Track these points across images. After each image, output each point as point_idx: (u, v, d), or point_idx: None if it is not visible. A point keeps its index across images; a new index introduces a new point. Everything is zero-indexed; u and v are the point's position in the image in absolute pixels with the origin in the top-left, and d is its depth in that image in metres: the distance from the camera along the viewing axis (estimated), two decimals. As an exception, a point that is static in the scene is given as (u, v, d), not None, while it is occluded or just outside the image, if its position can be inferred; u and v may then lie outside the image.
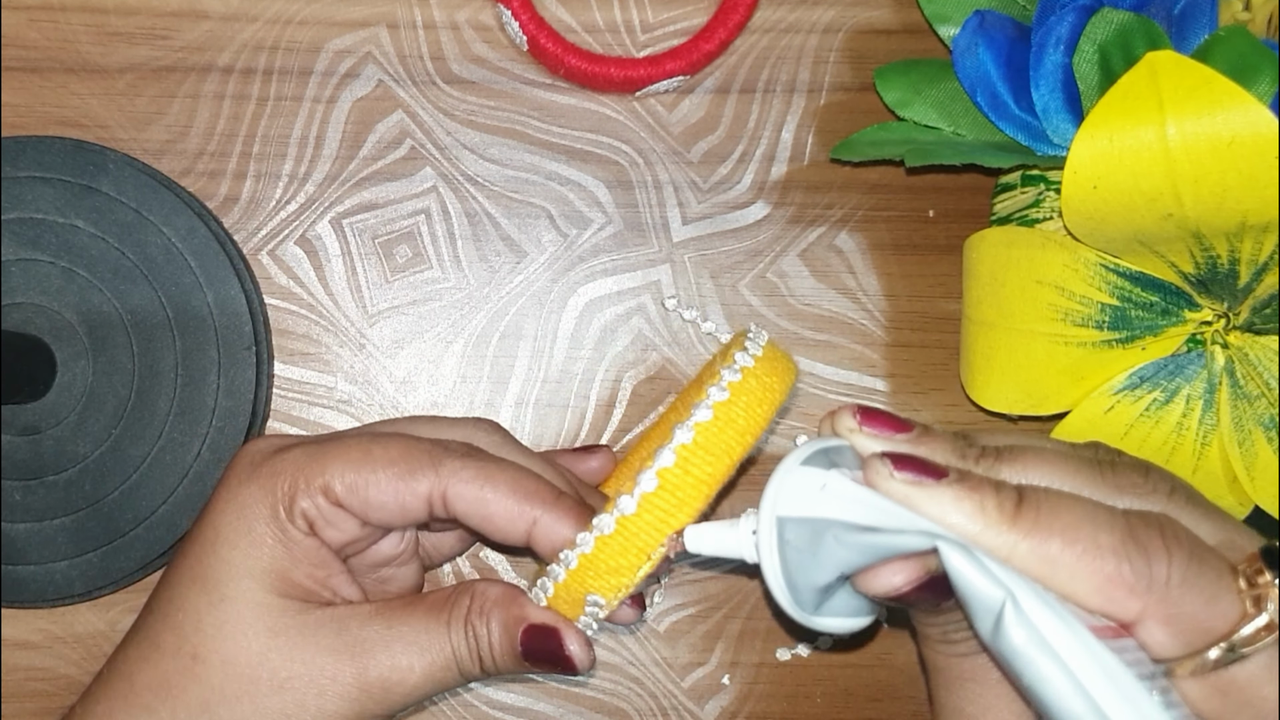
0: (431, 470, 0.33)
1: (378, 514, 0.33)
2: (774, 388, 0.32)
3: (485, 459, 0.34)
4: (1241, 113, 0.33)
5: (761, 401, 0.32)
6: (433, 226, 0.44)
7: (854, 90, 0.45)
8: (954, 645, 0.31)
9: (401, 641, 0.33)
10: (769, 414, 0.32)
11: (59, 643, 0.43)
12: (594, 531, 0.31)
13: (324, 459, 0.33)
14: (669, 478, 0.31)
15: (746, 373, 0.32)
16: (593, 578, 0.32)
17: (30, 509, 0.40)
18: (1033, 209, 0.41)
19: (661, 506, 0.31)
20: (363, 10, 0.44)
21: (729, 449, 0.31)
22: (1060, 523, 0.27)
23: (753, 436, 0.31)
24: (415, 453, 0.33)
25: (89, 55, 0.43)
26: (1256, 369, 0.38)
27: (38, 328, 0.40)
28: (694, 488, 0.31)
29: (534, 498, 0.33)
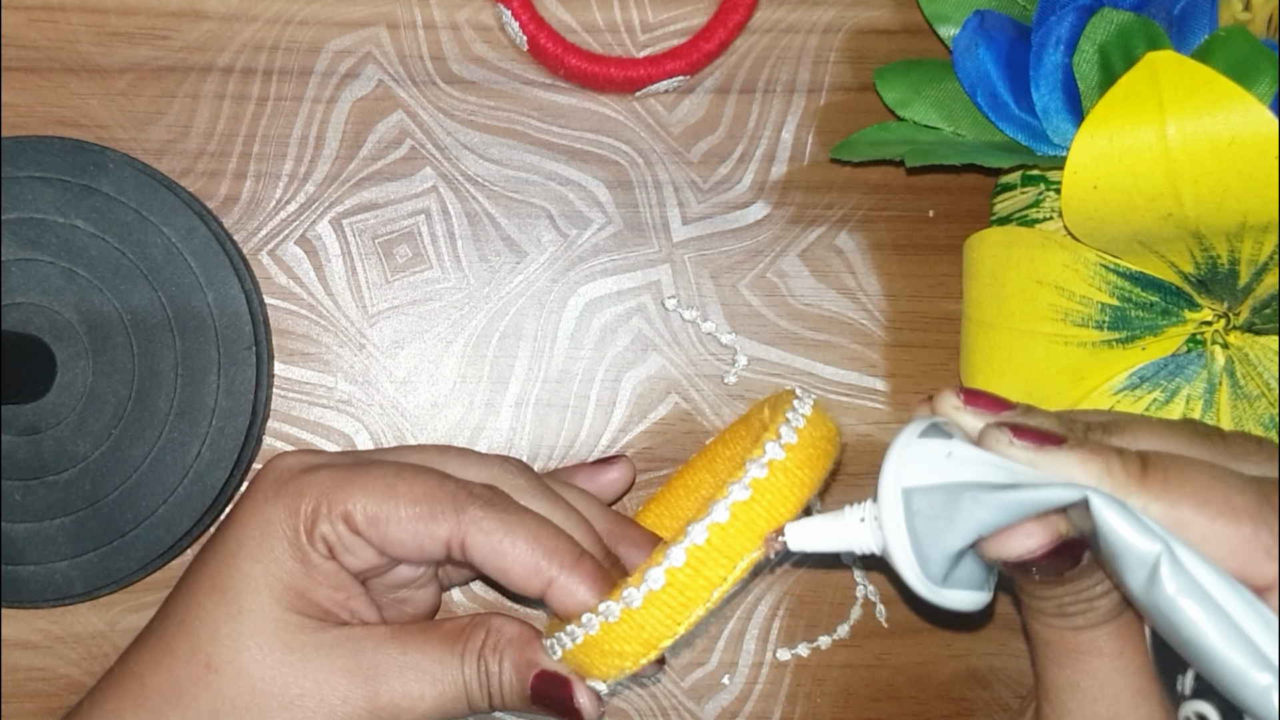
0: (453, 515, 0.33)
1: (395, 549, 0.33)
2: (805, 481, 0.31)
3: (508, 508, 0.33)
4: (1241, 113, 0.33)
5: (787, 499, 0.30)
6: (433, 226, 0.44)
7: (854, 90, 0.45)
8: (1069, 619, 0.30)
9: (415, 669, 0.33)
10: (796, 508, 0.30)
11: (59, 643, 0.43)
12: (600, 616, 0.31)
13: (349, 486, 0.33)
14: (678, 577, 0.30)
15: (774, 467, 0.30)
16: (597, 656, 0.32)
17: (30, 509, 0.40)
18: (1033, 209, 0.41)
19: (668, 604, 0.30)
20: (363, 10, 0.44)
21: (744, 549, 0.30)
22: (1190, 485, 0.26)
23: (773, 532, 0.30)
24: (438, 495, 0.33)
25: (89, 55, 0.43)
26: (1256, 369, 0.38)
27: (38, 328, 0.40)
28: (703, 588, 0.30)
29: (553, 556, 0.33)
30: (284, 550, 0.33)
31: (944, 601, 0.29)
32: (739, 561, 0.30)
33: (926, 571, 0.28)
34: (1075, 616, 0.30)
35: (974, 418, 0.29)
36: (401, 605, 0.38)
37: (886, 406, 0.45)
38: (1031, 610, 0.31)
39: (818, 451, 0.31)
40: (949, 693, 0.45)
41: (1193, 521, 0.26)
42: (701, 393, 0.45)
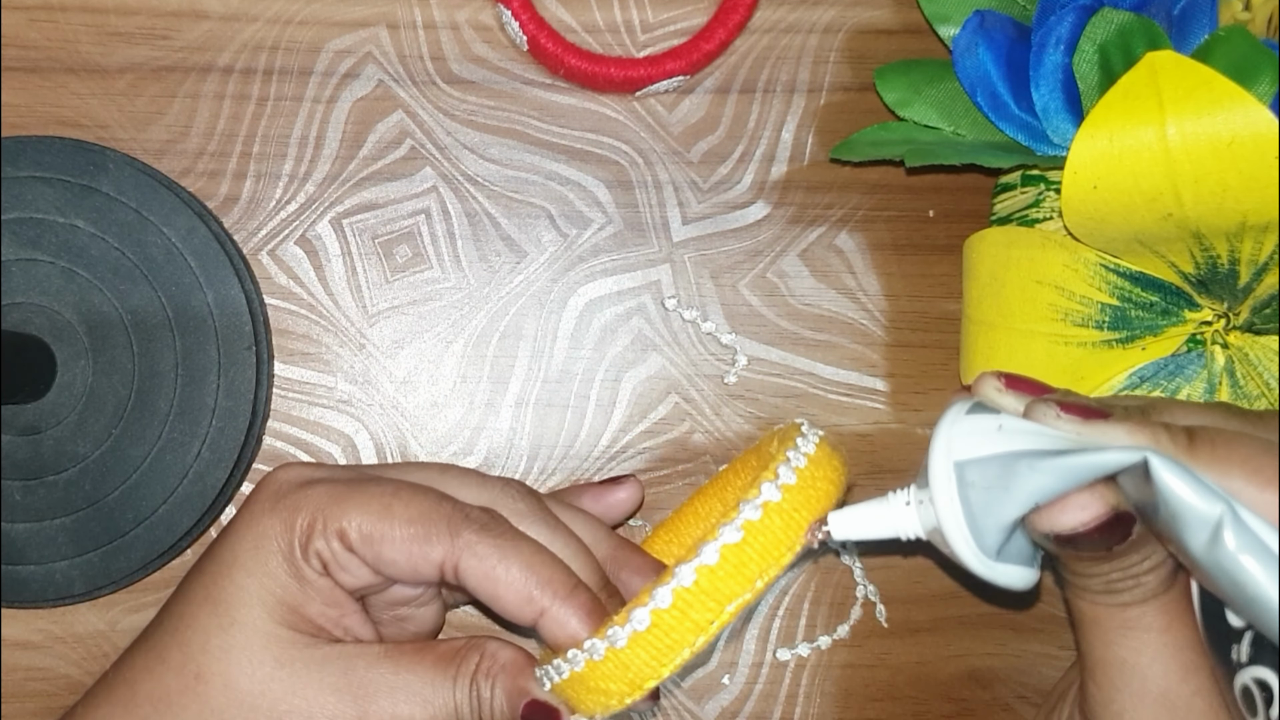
0: (448, 538, 0.32)
1: (389, 569, 0.33)
2: (801, 523, 0.30)
3: (504, 534, 0.33)
4: (1241, 113, 0.33)
5: (780, 542, 0.29)
6: (433, 226, 0.44)
7: (854, 90, 0.45)
8: (1117, 595, 0.30)
9: (406, 690, 0.33)
10: (790, 550, 0.30)
11: (59, 643, 0.43)
12: (586, 654, 0.31)
13: (345, 503, 0.33)
14: (664, 618, 0.29)
15: (769, 509, 0.29)
16: (584, 693, 0.31)
17: (30, 509, 0.40)
18: (1033, 209, 0.41)
19: (654, 645, 0.30)
20: (363, 10, 0.44)
21: (734, 592, 0.29)
22: (1238, 455, 0.27)
23: (767, 576, 0.29)
24: (434, 517, 0.33)
25: (89, 55, 0.43)
26: (1256, 369, 0.38)
27: (38, 328, 0.40)
28: (690, 631, 0.29)
29: (547, 586, 0.32)
30: (278, 564, 0.33)
31: (997, 577, 0.28)
32: (727, 605, 0.29)
33: (981, 545, 0.28)
34: (1123, 593, 0.30)
35: (1015, 399, 0.29)
36: (403, 623, 0.37)
37: (886, 406, 0.45)
38: (1077, 589, 0.31)
39: (818, 493, 0.30)
40: (949, 693, 0.45)
41: (1243, 490, 0.26)
42: (701, 393, 0.45)
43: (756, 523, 0.29)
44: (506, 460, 0.44)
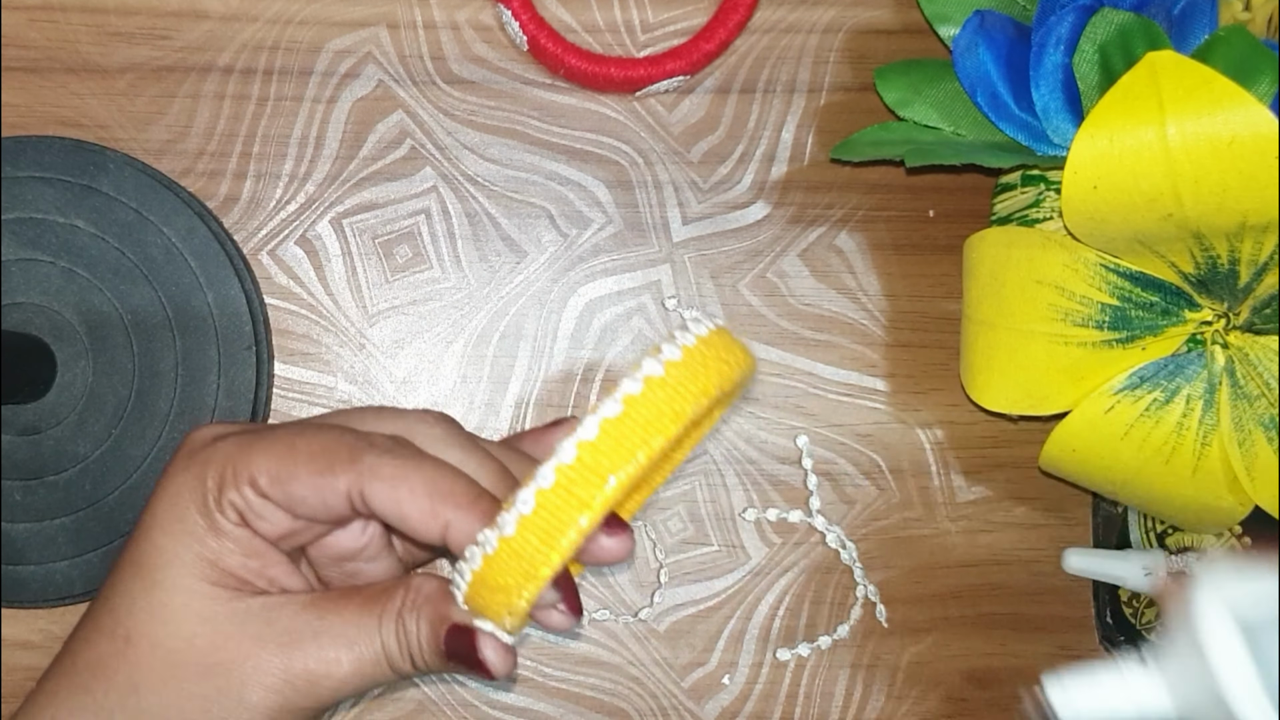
0: (350, 466, 0.32)
1: (302, 508, 0.33)
2: (686, 397, 0.28)
3: (407, 456, 0.32)
4: (1241, 113, 0.33)
5: (663, 416, 0.28)
6: (433, 226, 0.44)
7: (854, 90, 0.45)
8: None
9: (330, 634, 0.33)
10: (674, 426, 0.28)
11: (59, 643, 0.42)
12: (480, 548, 0.30)
13: (250, 451, 0.33)
14: (548, 498, 0.29)
15: (651, 383, 0.28)
16: (486, 594, 0.30)
17: (30, 509, 0.40)
18: (1033, 209, 0.41)
19: (541, 528, 0.29)
20: (363, 10, 0.44)
21: (614, 467, 0.28)
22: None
23: (648, 449, 0.28)
24: (336, 447, 0.32)
25: (89, 55, 0.43)
26: (1256, 369, 0.38)
27: (38, 328, 0.40)
28: (574, 509, 0.28)
29: (449, 499, 0.32)
30: (194, 520, 0.33)
31: None
32: (609, 478, 0.28)
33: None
34: None
35: None
36: (354, 580, 0.37)
37: (886, 406, 0.45)
38: None
39: (708, 370, 0.29)
40: (949, 693, 0.45)
41: None
42: (701, 393, 0.45)
43: (637, 396, 0.28)
44: (506, 460, 0.44)
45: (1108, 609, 0.44)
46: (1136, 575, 0.43)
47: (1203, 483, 0.39)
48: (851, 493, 0.45)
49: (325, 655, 0.33)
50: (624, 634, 0.44)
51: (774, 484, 0.45)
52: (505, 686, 0.44)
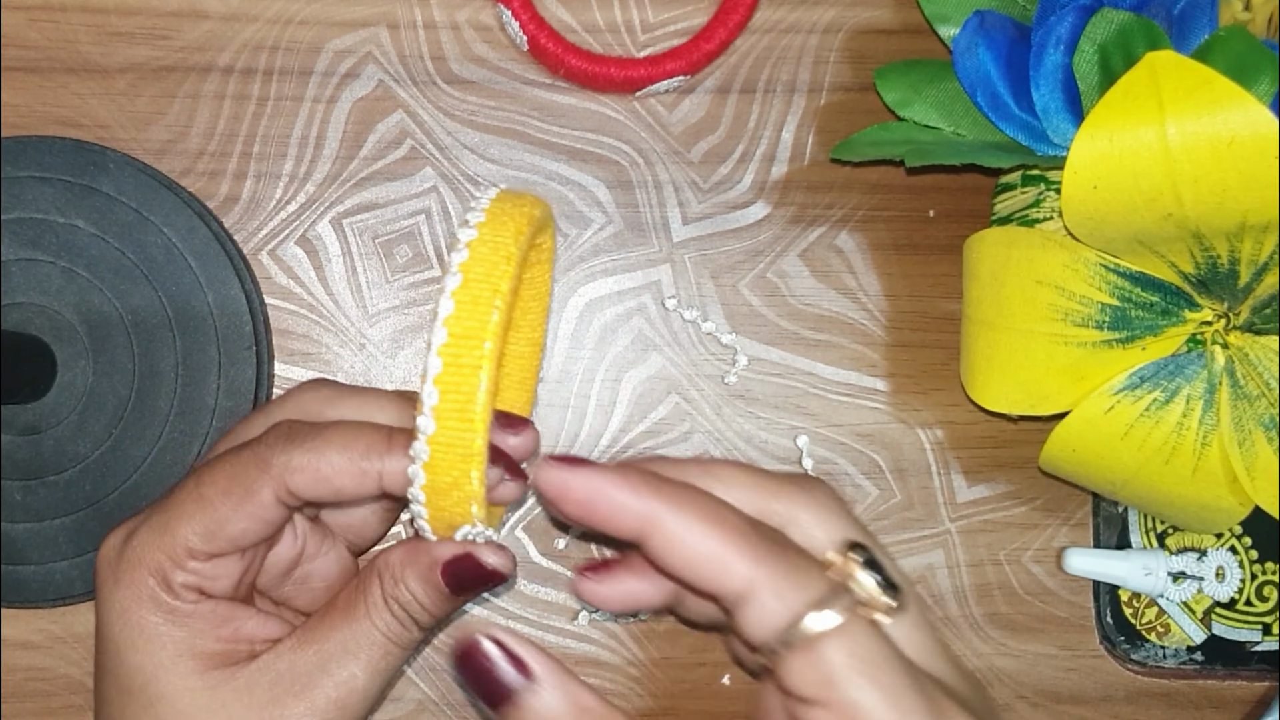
0: (264, 474, 0.32)
1: (244, 539, 0.32)
2: (507, 240, 0.31)
3: (304, 434, 0.32)
4: (1241, 113, 0.33)
5: (497, 263, 0.30)
6: (433, 226, 0.44)
7: (854, 90, 0.45)
8: None
9: (334, 657, 0.32)
10: (509, 267, 0.30)
11: (59, 643, 0.43)
12: (417, 462, 0.30)
13: (168, 526, 0.32)
14: (445, 379, 0.30)
15: (472, 246, 0.30)
16: (446, 505, 0.31)
17: (30, 509, 0.40)
18: (1033, 209, 0.41)
19: (451, 406, 0.30)
20: (363, 10, 0.44)
21: (482, 324, 0.30)
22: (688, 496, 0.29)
23: (501, 295, 0.30)
24: (242, 465, 0.32)
25: (89, 55, 0.43)
26: (1256, 369, 0.38)
27: (38, 328, 0.40)
28: (470, 375, 0.30)
29: (370, 452, 0.31)
30: (155, 623, 0.32)
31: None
32: (486, 338, 0.30)
33: None
34: None
35: None
36: (308, 583, 0.36)
37: (886, 406, 0.45)
38: None
39: (509, 215, 0.31)
40: (949, 693, 0.45)
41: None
42: (702, 392, 0.45)
43: (467, 259, 0.30)
44: (506, 460, 0.44)
45: (1108, 609, 0.44)
46: (1136, 575, 0.43)
47: (1203, 483, 0.39)
48: (851, 493, 0.45)
49: (339, 678, 0.32)
50: (624, 634, 0.44)
51: (774, 484, 0.45)
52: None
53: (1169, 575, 0.43)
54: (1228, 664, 0.44)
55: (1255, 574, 0.43)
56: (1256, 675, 0.45)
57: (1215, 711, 0.45)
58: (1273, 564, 0.43)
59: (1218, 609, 0.43)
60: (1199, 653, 0.44)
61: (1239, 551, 0.43)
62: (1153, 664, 0.44)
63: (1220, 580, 0.43)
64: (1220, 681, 0.45)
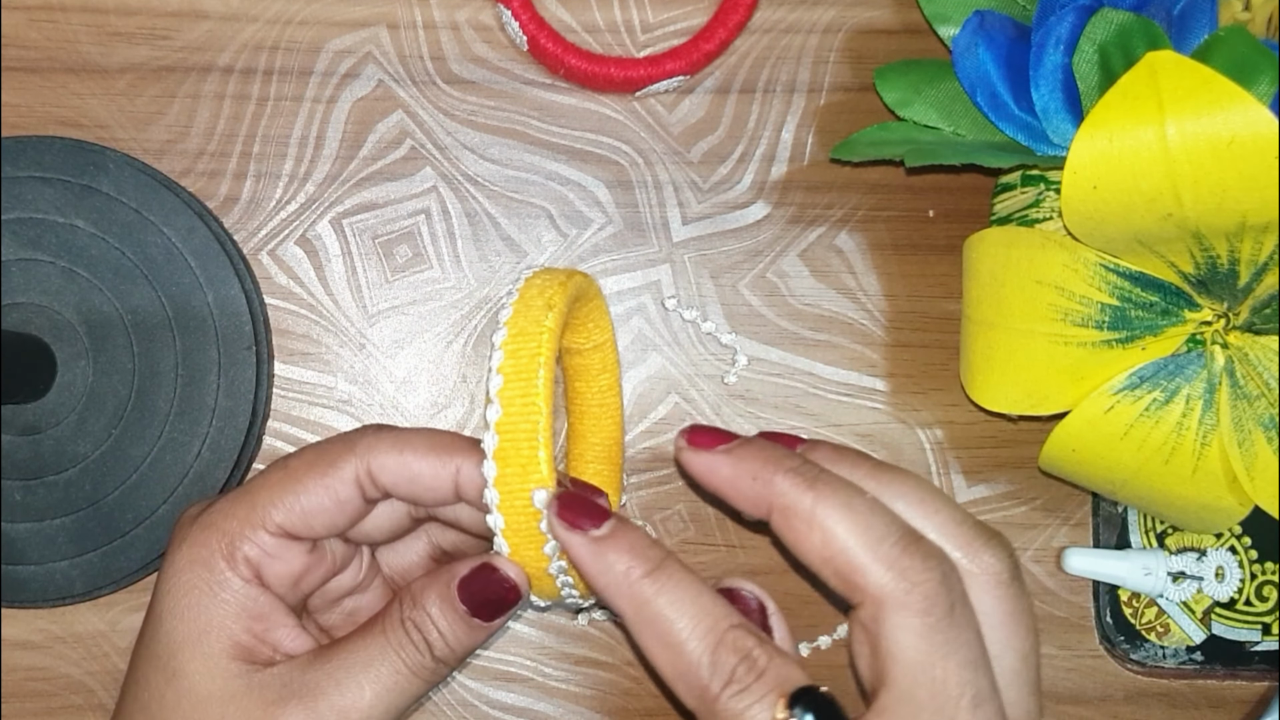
0: (350, 453, 0.33)
1: (318, 520, 0.33)
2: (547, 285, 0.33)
3: (392, 429, 0.34)
4: (1241, 113, 0.33)
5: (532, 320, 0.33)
6: (433, 226, 0.44)
7: (854, 90, 0.45)
8: None
9: (343, 670, 0.33)
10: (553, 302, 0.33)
11: (59, 643, 0.43)
12: (488, 474, 0.32)
13: (249, 493, 0.34)
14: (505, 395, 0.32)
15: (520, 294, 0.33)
16: (512, 481, 0.32)
17: (30, 509, 0.40)
18: (1033, 209, 0.41)
19: (513, 426, 0.31)
20: (363, 10, 0.44)
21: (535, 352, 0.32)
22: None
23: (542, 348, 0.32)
24: (329, 446, 0.34)
25: (89, 55, 0.43)
26: (1256, 369, 0.38)
27: (38, 328, 0.40)
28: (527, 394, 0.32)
29: (453, 448, 0.33)
30: (200, 595, 0.33)
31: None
32: (539, 366, 0.32)
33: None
34: None
35: None
36: (353, 618, 0.37)
37: (886, 406, 0.45)
38: None
39: (552, 276, 0.34)
40: (949, 693, 0.45)
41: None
42: (701, 393, 0.45)
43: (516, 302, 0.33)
44: (506, 460, 0.44)
45: (1108, 609, 0.44)
46: (1136, 575, 0.43)
47: (1203, 483, 0.39)
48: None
49: (345, 690, 0.33)
50: (624, 634, 0.44)
51: (774, 484, 0.45)
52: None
53: (1169, 575, 0.43)
54: (1227, 664, 0.44)
55: (1255, 574, 0.43)
56: (1256, 675, 0.45)
57: (1215, 711, 0.45)
58: (1272, 564, 0.43)
59: (1217, 609, 0.43)
60: (1199, 653, 0.44)
61: (1239, 551, 0.44)
62: (1152, 664, 0.44)
63: (1220, 580, 0.43)
64: (1220, 681, 0.45)
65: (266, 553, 0.33)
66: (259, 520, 0.33)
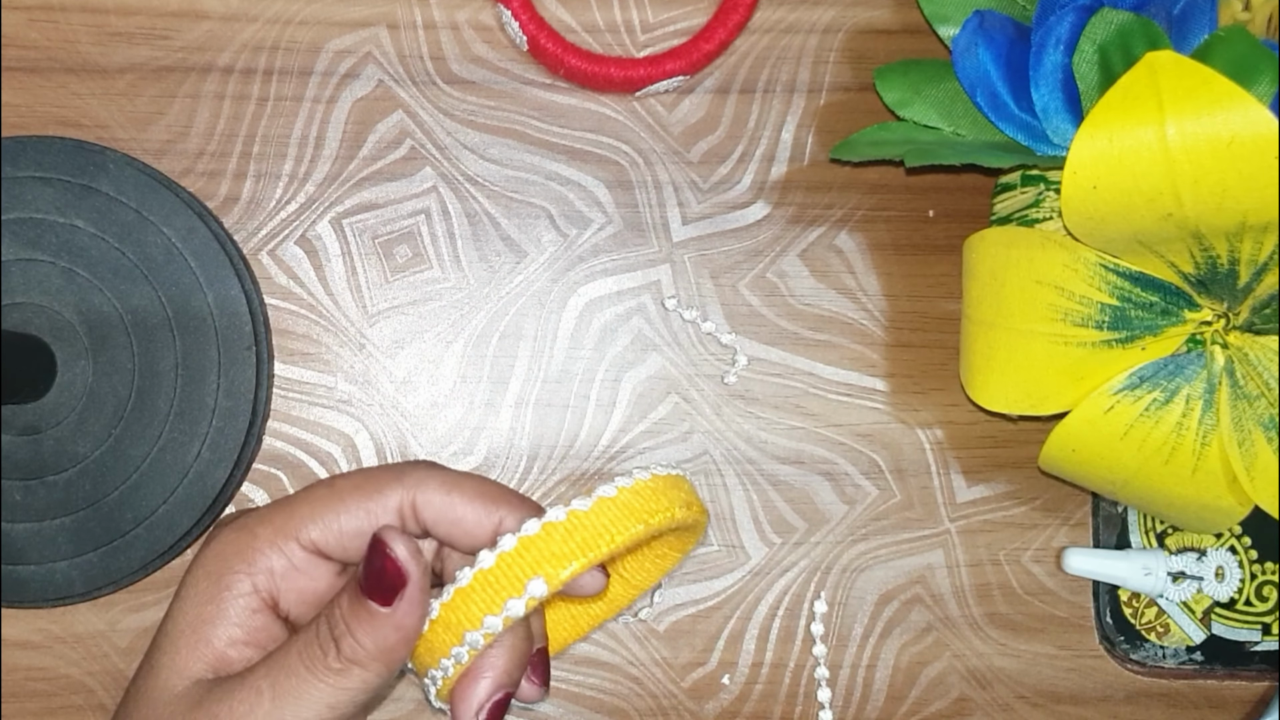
0: (398, 483, 0.33)
1: (353, 543, 0.33)
2: (622, 523, 0.32)
3: (447, 470, 0.34)
4: (1241, 113, 0.33)
5: (599, 535, 0.32)
6: (433, 226, 0.44)
7: (854, 90, 0.45)
8: None
9: (254, 676, 0.31)
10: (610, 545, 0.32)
11: (59, 643, 0.43)
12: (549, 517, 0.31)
13: (290, 503, 0.33)
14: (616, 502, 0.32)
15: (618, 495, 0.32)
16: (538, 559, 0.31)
17: (30, 509, 0.40)
18: (1033, 209, 0.41)
19: (602, 520, 0.31)
20: (363, 10, 0.44)
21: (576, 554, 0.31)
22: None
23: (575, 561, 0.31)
24: (377, 473, 0.34)
25: (89, 55, 0.43)
26: (1256, 369, 0.38)
27: (38, 328, 0.40)
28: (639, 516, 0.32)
29: (500, 500, 0.33)
30: (205, 595, 0.33)
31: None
32: (631, 531, 0.31)
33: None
34: None
35: None
36: None
37: (886, 406, 0.45)
38: None
39: (647, 504, 0.33)
40: (949, 693, 0.45)
41: None
42: (701, 393, 0.45)
43: (583, 511, 0.32)
44: (506, 460, 0.44)
45: (1108, 609, 0.44)
46: (1136, 575, 0.43)
47: (1202, 483, 0.39)
48: (851, 493, 0.45)
49: (242, 698, 0.31)
50: (624, 634, 0.44)
51: (774, 484, 0.45)
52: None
53: (1169, 575, 0.43)
54: (1227, 664, 0.44)
55: (1255, 574, 0.43)
56: (1256, 675, 0.45)
57: (1215, 711, 0.45)
58: (1272, 564, 0.43)
59: (1217, 609, 0.43)
60: (1198, 653, 0.44)
61: (1239, 551, 0.44)
62: (1152, 664, 0.44)
63: (1220, 580, 0.43)
64: (1220, 681, 0.45)
65: (294, 566, 0.33)
66: (293, 531, 0.33)
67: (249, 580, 0.33)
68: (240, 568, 0.33)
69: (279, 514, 0.33)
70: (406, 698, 0.43)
